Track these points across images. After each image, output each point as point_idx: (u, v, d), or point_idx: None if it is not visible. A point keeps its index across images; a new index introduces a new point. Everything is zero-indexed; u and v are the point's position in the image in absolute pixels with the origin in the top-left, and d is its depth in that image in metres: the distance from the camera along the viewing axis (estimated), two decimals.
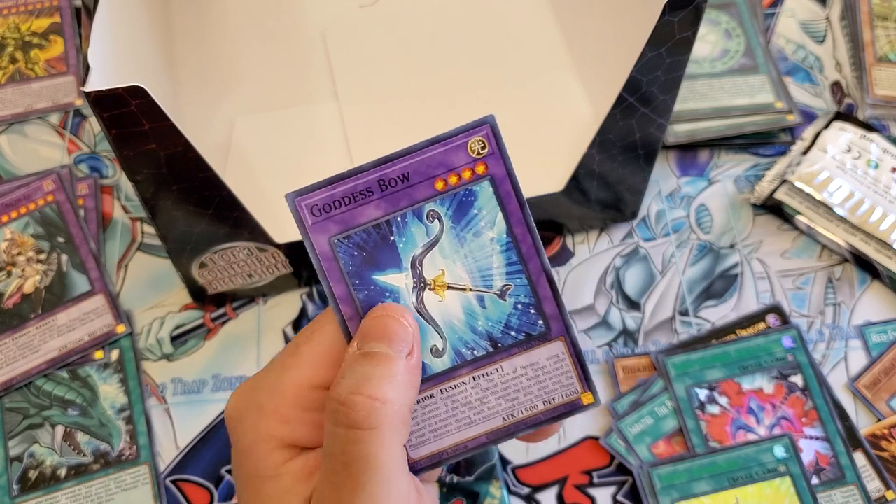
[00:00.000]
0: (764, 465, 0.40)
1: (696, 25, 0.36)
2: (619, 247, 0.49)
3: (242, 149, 0.46)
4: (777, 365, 0.42)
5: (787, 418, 0.41)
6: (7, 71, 0.54)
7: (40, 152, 0.51)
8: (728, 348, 0.43)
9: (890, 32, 0.56)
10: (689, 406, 0.41)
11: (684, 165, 0.52)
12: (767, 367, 0.42)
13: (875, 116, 0.53)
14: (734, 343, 0.43)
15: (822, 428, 0.41)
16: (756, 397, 0.42)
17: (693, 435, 0.41)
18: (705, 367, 0.42)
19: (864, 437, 0.42)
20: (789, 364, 0.43)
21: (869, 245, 0.47)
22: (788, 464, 0.40)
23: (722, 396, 0.41)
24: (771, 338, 0.43)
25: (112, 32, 0.33)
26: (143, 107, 0.31)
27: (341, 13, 0.52)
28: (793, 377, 0.42)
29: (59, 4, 0.57)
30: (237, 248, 0.41)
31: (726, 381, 0.42)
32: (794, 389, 0.42)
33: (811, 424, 0.41)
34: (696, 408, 0.41)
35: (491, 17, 0.52)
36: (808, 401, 0.42)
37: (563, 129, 0.46)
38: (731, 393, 0.42)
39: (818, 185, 0.48)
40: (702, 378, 0.42)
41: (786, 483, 0.39)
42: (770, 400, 0.42)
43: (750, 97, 0.52)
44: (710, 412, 0.41)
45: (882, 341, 0.45)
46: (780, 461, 0.40)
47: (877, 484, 0.41)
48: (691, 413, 0.41)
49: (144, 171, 0.35)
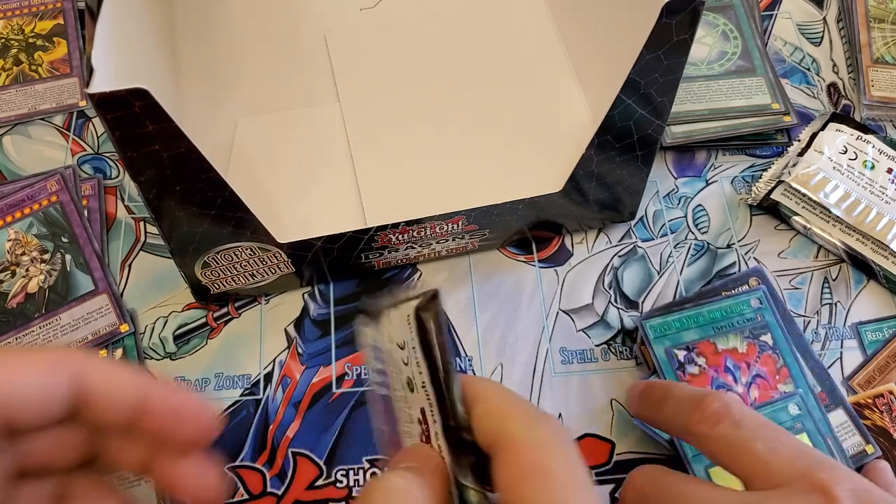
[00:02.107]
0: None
1: (694, 28, 0.36)
2: (618, 247, 0.49)
3: (245, 150, 0.47)
4: (748, 325, 0.43)
5: (761, 376, 0.42)
6: (11, 72, 0.55)
7: (44, 153, 0.52)
8: (701, 310, 0.44)
9: (886, 34, 0.56)
10: (671, 367, 0.42)
11: (682, 166, 0.52)
12: (739, 328, 0.43)
13: (871, 118, 0.54)
14: (706, 305, 0.44)
15: (793, 384, 0.42)
16: (731, 357, 0.42)
17: None
18: (682, 328, 0.43)
19: (845, 397, 0.42)
20: (759, 324, 0.43)
21: (865, 245, 0.47)
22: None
23: (700, 357, 0.42)
24: (740, 299, 0.44)
25: (115, 34, 0.34)
26: (147, 108, 0.32)
27: (343, 15, 0.53)
28: (763, 336, 0.43)
29: (63, 6, 0.58)
30: (240, 248, 0.41)
31: (702, 341, 0.43)
32: (765, 348, 0.42)
33: (783, 381, 0.42)
34: (676, 369, 0.42)
35: (490, 19, 0.52)
36: (779, 358, 0.42)
37: (562, 131, 0.47)
38: (707, 353, 0.42)
39: (814, 186, 0.48)
40: (679, 340, 0.43)
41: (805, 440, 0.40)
42: (744, 359, 0.42)
43: (747, 99, 0.52)
44: (690, 372, 0.42)
45: (877, 339, 0.46)
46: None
47: (857, 439, 0.41)
48: (673, 374, 0.42)
49: (148, 172, 0.35)
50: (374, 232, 0.43)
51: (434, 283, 0.47)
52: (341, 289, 0.47)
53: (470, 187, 0.45)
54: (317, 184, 0.46)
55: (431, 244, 0.46)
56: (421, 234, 0.44)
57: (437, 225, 0.44)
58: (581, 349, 0.46)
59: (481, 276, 0.48)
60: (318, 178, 0.46)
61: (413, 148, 0.47)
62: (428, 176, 0.46)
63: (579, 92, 0.49)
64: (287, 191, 0.45)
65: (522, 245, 0.49)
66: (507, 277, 0.48)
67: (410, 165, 0.46)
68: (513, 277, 0.48)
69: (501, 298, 0.47)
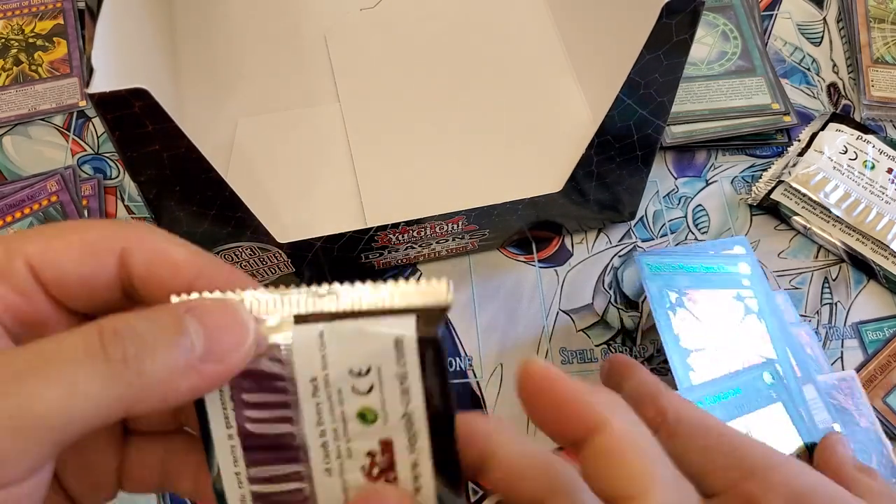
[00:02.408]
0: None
1: (694, 28, 0.36)
2: (618, 247, 0.49)
3: (245, 150, 0.47)
4: (736, 288, 0.43)
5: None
6: (11, 73, 0.55)
7: (44, 153, 0.52)
8: (694, 259, 0.44)
9: (886, 34, 0.56)
10: (661, 304, 0.42)
11: (682, 166, 0.52)
12: (729, 288, 0.43)
13: (871, 118, 0.54)
14: (699, 257, 0.44)
15: (774, 352, 0.42)
16: (718, 311, 0.42)
17: (665, 332, 0.41)
18: (675, 272, 0.43)
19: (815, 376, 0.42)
20: (746, 287, 0.43)
21: (865, 245, 0.47)
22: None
23: (689, 302, 0.42)
24: (730, 259, 0.44)
25: (115, 34, 0.34)
26: (147, 108, 0.32)
27: (343, 15, 0.53)
28: (749, 301, 0.43)
29: (63, 6, 0.58)
30: (240, 248, 0.41)
31: (693, 290, 0.43)
32: (749, 312, 0.42)
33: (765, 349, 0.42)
34: (667, 308, 0.42)
35: (490, 19, 0.52)
36: (762, 324, 0.42)
37: (562, 131, 0.47)
38: (697, 300, 0.42)
39: (814, 186, 0.48)
40: (672, 282, 0.43)
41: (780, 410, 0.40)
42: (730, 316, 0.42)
43: (747, 99, 0.52)
44: (680, 316, 0.42)
45: (878, 339, 0.46)
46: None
47: (824, 416, 0.41)
48: (664, 312, 0.41)
49: (148, 172, 0.35)
50: (374, 232, 0.43)
51: None
52: None
53: (470, 187, 0.45)
54: (317, 184, 0.46)
55: (431, 244, 0.46)
56: (421, 234, 0.44)
57: (437, 225, 0.44)
58: (581, 349, 0.46)
59: (481, 276, 0.48)
60: (318, 178, 0.46)
61: (413, 148, 0.47)
62: (428, 176, 0.46)
63: (579, 92, 0.49)
64: (287, 191, 0.45)
65: (522, 245, 0.49)
66: (507, 277, 0.48)
67: (410, 165, 0.46)
68: (513, 277, 0.48)
69: (501, 298, 0.47)
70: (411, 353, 0.22)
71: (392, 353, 0.22)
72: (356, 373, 0.22)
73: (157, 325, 0.20)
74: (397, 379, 0.22)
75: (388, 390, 0.22)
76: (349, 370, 0.22)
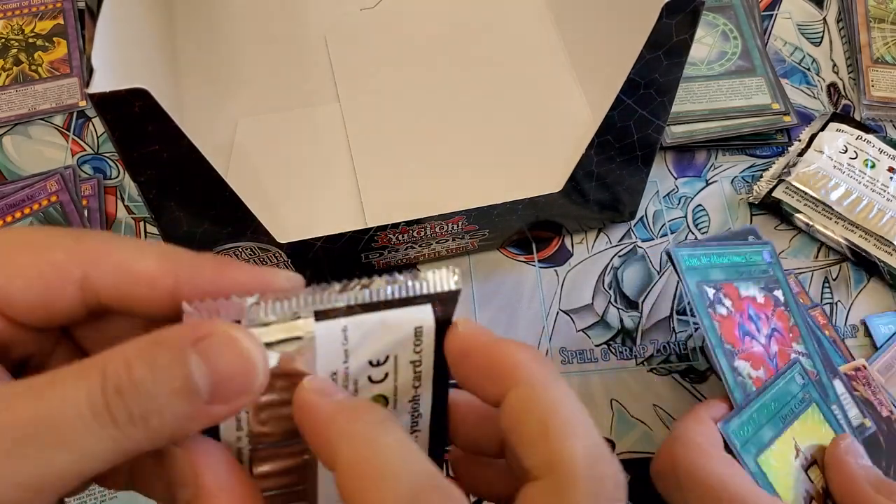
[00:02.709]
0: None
1: (694, 28, 0.36)
2: (618, 247, 0.49)
3: (245, 150, 0.47)
4: (763, 277, 0.43)
5: (778, 331, 0.42)
6: (11, 73, 0.55)
7: (44, 153, 0.52)
8: (724, 251, 0.43)
9: (886, 34, 0.56)
10: (702, 303, 0.40)
11: (682, 166, 0.52)
12: (755, 278, 0.43)
13: (871, 118, 0.53)
14: (727, 247, 0.43)
15: (804, 345, 0.42)
16: (752, 305, 0.42)
17: (710, 333, 0.40)
18: (709, 266, 0.42)
19: (840, 370, 0.42)
20: (771, 278, 0.43)
21: (868, 241, 0.47)
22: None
23: (726, 298, 0.41)
24: (753, 248, 0.43)
25: (115, 34, 0.34)
26: (147, 108, 0.32)
27: (343, 16, 0.53)
28: (776, 291, 0.43)
29: (63, 6, 0.58)
30: (240, 248, 0.41)
31: (727, 283, 0.42)
32: (778, 304, 0.42)
33: (796, 340, 0.42)
34: (707, 306, 0.40)
35: (491, 19, 0.52)
36: (790, 317, 0.42)
37: (562, 131, 0.47)
38: (732, 296, 0.42)
39: (816, 184, 0.48)
40: (707, 276, 0.42)
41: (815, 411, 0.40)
42: (763, 310, 0.42)
43: (747, 99, 0.52)
44: (720, 313, 0.41)
45: (888, 333, 0.46)
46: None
47: (855, 412, 0.41)
48: (705, 311, 0.40)
49: (148, 173, 0.35)
50: (374, 232, 0.43)
51: None
52: None
53: (470, 187, 0.45)
54: (317, 184, 0.46)
55: (431, 244, 0.46)
56: (421, 234, 0.44)
57: (437, 225, 0.44)
58: (581, 349, 0.46)
59: (481, 276, 0.48)
60: (318, 179, 0.46)
61: (413, 148, 0.47)
62: (428, 176, 0.46)
63: (579, 92, 0.49)
64: (287, 191, 0.45)
65: (522, 245, 0.49)
66: (507, 277, 0.48)
67: (410, 165, 0.46)
68: (513, 277, 0.48)
69: (501, 298, 0.47)
70: (428, 340, 0.22)
71: (411, 341, 0.22)
72: (374, 363, 0.22)
73: (161, 374, 0.19)
74: (412, 365, 0.22)
75: (402, 377, 0.23)
76: (369, 361, 0.22)
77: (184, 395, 0.19)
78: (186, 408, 0.19)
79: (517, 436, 0.21)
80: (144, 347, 0.20)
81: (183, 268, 0.21)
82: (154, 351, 0.19)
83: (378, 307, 0.21)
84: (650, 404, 0.44)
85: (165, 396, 0.19)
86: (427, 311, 0.22)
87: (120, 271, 0.21)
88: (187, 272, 0.21)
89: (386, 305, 0.21)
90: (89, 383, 0.19)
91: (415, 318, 0.22)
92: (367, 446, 0.20)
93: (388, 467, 0.19)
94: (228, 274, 0.22)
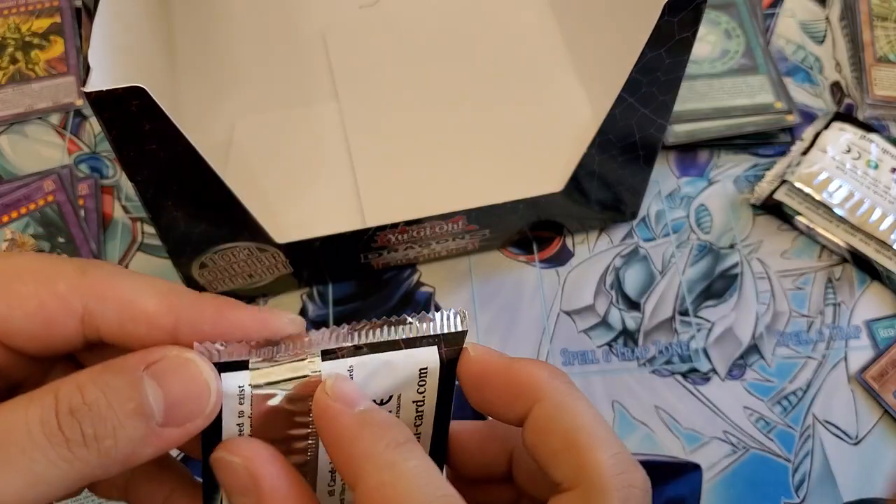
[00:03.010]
0: None
1: (696, 26, 0.36)
2: (619, 247, 0.49)
3: (243, 149, 0.46)
4: None
5: None
6: (7, 71, 0.54)
7: (41, 152, 0.52)
8: None
9: (889, 33, 0.56)
10: None
11: (684, 166, 0.52)
12: None
13: (875, 117, 0.53)
14: None
15: None
16: None
17: None
18: None
19: None
20: None
21: (869, 245, 0.47)
22: None
23: None
24: None
25: (112, 33, 0.34)
26: (144, 107, 0.31)
27: (342, 14, 0.52)
28: None
29: (60, 5, 0.57)
30: (237, 248, 0.41)
31: None
32: None
33: None
34: None
35: (491, 17, 0.52)
36: None
37: (563, 130, 0.46)
38: None
39: (818, 186, 0.48)
40: None
41: None
42: None
43: (749, 98, 0.52)
44: None
45: (889, 336, 0.46)
46: None
47: None
48: None
49: (145, 172, 0.35)
50: (374, 232, 0.43)
51: (434, 283, 0.47)
52: (340, 289, 0.47)
53: (470, 187, 0.44)
54: (315, 183, 0.45)
55: (431, 244, 0.45)
56: (421, 234, 0.44)
57: (437, 225, 0.44)
58: (582, 350, 0.45)
59: (481, 276, 0.47)
60: (316, 178, 0.46)
61: (413, 147, 0.47)
62: (428, 176, 0.46)
63: (581, 91, 0.48)
64: (285, 190, 0.45)
65: (523, 245, 0.48)
66: (508, 278, 0.47)
67: (410, 165, 0.46)
68: (513, 278, 0.47)
69: (502, 299, 0.47)
70: (432, 381, 0.22)
71: (415, 381, 0.22)
72: (378, 402, 0.22)
73: (114, 396, 0.19)
74: (414, 405, 0.23)
75: (404, 415, 0.23)
76: (373, 400, 0.22)
77: (137, 416, 0.19)
78: (140, 430, 0.19)
79: (544, 450, 0.22)
80: (97, 372, 0.19)
81: (184, 308, 0.21)
82: (107, 374, 0.19)
83: (384, 347, 0.21)
84: (652, 406, 0.44)
85: (118, 418, 0.19)
86: (433, 352, 0.22)
87: (122, 308, 0.21)
88: (188, 313, 0.21)
89: (392, 346, 0.22)
90: (42, 404, 0.19)
91: (420, 359, 0.22)
92: (390, 470, 0.20)
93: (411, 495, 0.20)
94: (229, 315, 0.22)
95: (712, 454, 0.42)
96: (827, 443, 0.43)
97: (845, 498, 0.41)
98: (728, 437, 0.43)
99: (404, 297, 0.47)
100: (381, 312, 0.46)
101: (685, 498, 0.41)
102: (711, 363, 0.45)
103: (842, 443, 0.43)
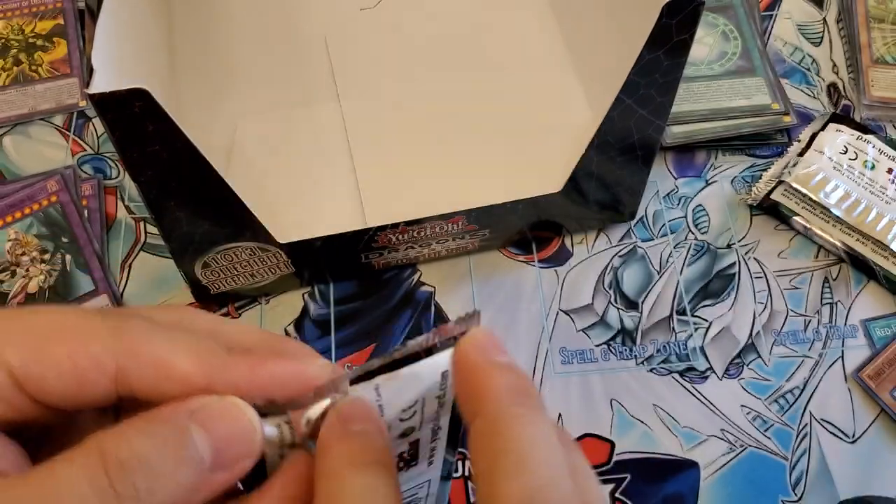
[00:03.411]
0: None
1: (694, 28, 0.36)
2: (618, 247, 0.49)
3: (245, 150, 0.47)
4: None
5: None
6: (11, 73, 0.55)
7: (44, 153, 0.52)
8: None
9: (886, 34, 0.56)
10: None
11: (682, 166, 0.52)
12: None
13: (871, 118, 0.53)
14: None
15: None
16: None
17: None
18: None
19: None
20: None
21: (865, 245, 0.47)
22: None
23: None
24: None
25: (115, 34, 0.34)
26: (146, 108, 0.32)
27: (343, 15, 0.53)
28: None
29: (63, 6, 0.58)
30: (239, 248, 0.41)
31: None
32: None
33: None
34: None
35: (491, 18, 0.52)
36: None
37: (562, 131, 0.47)
38: None
39: (814, 186, 0.48)
40: None
41: None
42: None
43: (747, 99, 0.52)
44: None
45: (885, 335, 0.46)
46: None
47: None
48: None
49: (148, 173, 0.35)
50: (374, 232, 0.43)
51: (434, 282, 0.47)
52: (341, 289, 0.47)
53: (470, 187, 0.45)
54: (316, 184, 0.46)
55: (431, 244, 0.46)
56: (421, 234, 0.44)
57: (437, 225, 0.44)
58: (581, 349, 0.46)
59: (481, 276, 0.48)
60: (317, 178, 0.46)
61: (413, 148, 0.47)
62: (428, 176, 0.46)
63: (580, 92, 0.49)
64: (287, 191, 0.45)
65: (522, 245, 0.49)
66: (507, 278, 0.48)
67: (410, 165, 0.46)
68: (513, 278, 0.48)
69: (501, 299, 0.47)
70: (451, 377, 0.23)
71: (437, 384, 0.23)
72: (405, 409, 0.23)
73: (162, 446, 0.19)
74: (437, 399, 0.23)
75: (428, 409, 0.24)
76: (402, 409, 0.23)
77: (188, 463, 0.19)
78: (191, 477, 0.19)
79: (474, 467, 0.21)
80: (141, 423, 0.20)
81: (216, 367, 0.21)
82: (152, 425, 0.20)
83: (405, 362, 0.22)
84: (650, 404, 0.44)
85: (170, 467, 0.19)
86: (450, 354, 0.22)
87: (156, 369, 0.21)
88: (221, 373, 0.21)
89: (414, 358, 0.22)
90: (88, 463, 0.19)
91: (440, 363, 0.22)
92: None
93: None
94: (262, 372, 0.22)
95: (710, 452, 0.43)
96: (824, 441, 0.43)
97: (842, 496, 0.42)
98: (726, 436, 0.43)
99: (405, 297, 0.47)
100: (382, 312, 0.47)
101: (683, 495, 0.41)
102: (709, 362, 0.45)
103: (839, 441, 0.43)
